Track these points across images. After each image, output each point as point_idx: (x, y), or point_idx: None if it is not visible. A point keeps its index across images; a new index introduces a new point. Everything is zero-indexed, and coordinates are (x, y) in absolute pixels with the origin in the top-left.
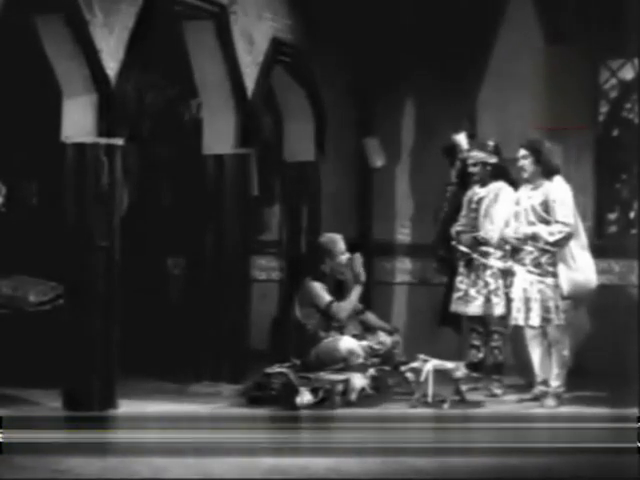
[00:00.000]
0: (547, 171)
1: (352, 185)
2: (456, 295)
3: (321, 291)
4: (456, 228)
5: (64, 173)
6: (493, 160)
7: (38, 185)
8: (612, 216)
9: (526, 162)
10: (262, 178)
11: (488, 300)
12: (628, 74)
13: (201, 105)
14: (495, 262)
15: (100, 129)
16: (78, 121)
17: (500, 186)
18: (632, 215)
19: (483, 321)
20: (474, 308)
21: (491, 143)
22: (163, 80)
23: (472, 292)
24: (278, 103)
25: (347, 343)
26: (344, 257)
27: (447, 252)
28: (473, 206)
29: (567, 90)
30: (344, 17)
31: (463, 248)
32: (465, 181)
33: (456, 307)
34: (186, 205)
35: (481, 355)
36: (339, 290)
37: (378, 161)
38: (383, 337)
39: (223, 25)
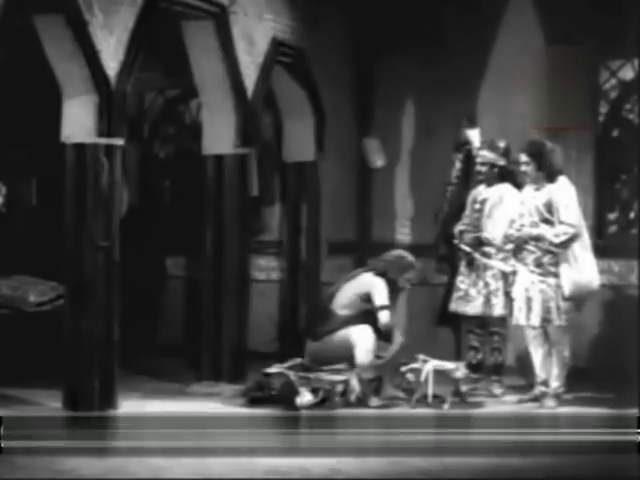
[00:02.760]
0: (550, 174)
1: (352, 185)
2: (456, 294)
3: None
4: (459, 227)
5: (64, 173)
6: (502, 162)
7: (38, 185)
8: (612, 216)
9: (529, 168)
10: (262, 178)
11: (488, 300)
12: (628, 74)
13: (201, 105)
14: (496, 263)
15: (100, 129)
16: (78, 121)
17: (505, 188)
18: (632, 215)
19: (482, 321)
20: (474, 308)
21: (502, 145)
22: (163, 80)
23: (472, 292)
24: (278, 103)
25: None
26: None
27: (448, 252)
28: (477, 206)
29: (567, 90)
30: (344, 17)
31: (465, 247)
32: (466, 180)
33: (456, 306)
34: (186, 205)
35: (480, 356)
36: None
37: (378, 161)
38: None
39: (223, 25)
